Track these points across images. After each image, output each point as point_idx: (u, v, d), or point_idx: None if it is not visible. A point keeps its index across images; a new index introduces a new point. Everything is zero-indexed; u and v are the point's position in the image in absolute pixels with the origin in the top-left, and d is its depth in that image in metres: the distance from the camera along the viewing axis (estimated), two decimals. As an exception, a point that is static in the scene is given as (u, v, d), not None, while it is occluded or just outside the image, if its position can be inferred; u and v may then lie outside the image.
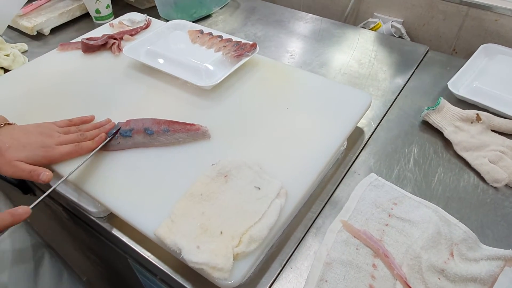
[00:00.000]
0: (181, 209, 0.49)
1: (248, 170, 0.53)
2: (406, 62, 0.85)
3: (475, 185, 0.59)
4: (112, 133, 0.59)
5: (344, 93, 0.67)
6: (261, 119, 0.63)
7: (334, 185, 0.60)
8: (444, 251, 0.49)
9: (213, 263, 0.42)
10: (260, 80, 0.72)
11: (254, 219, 0.47)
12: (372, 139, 0.67)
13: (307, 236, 0.53)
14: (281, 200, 0.50)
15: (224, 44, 0.74)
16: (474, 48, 0.83)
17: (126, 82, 0.73)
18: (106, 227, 0.56)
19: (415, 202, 0.55)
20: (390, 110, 0.73)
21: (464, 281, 0.47)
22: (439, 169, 0.61)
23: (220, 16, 1.05)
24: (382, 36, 0.94)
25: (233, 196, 0.50)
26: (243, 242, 0.45)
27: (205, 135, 0.60)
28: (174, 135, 0.58)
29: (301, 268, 0.50)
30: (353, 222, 0.53)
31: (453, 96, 0.72)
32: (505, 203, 0.56)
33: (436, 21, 0.94)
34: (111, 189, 0.54)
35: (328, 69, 0.84)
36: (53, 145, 0.55)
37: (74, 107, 0.68)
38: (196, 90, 0.69)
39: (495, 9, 0.84)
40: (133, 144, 0.59)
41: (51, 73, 0.76)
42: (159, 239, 0.46)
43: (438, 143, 0.66)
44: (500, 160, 0.60)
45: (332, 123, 0.62)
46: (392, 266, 0.47)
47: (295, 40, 0.94)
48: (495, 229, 0.53)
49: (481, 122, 0.65)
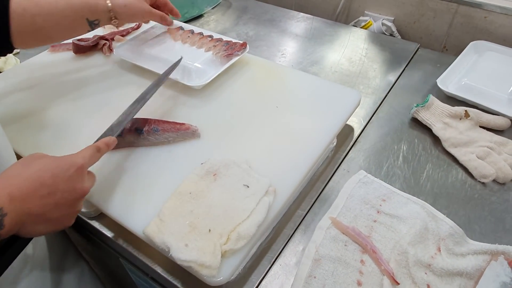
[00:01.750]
0: (170, 207, 0.49)
1: (237, 169, 0.53)
2: (396, 60, 0.85)
3: (463, 180, 0.60)
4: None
5: (334, 91, 0.68)
6: (251, 118, 0.64)
7: (324, 182, 0.60)
8: (431, 246, 0.50)
9: (201, 261, 0.43)
10: (250, 79, 0.72)
11: (242, 216, 0.47)
12: (362, 136, 0.68)
13: (296, 233, 0.54)
14: (269, 198, 0.50)
15: (214, 44, 0.75)
16: (464, 45, 0.83)
17: (117, 82, 0.74)
18: (97, 226, 0.56)
19: (404, 199, 0.56)
20: (380, 108, 0.74)
21: (451, 275, 0.47)
22: (428, 166, 0.62)
23: (212, 16, 1.06)
24: (373, 34, 0.94)
25: (222, 194, 0.50)
26: (231, 239, 0.45)
27: (195, 134, 0.60)
28: (164, 134, 0.59)
29: (290, 265, 0.50)
30: (342, 219, 0.53)
31: (442, 93, 0.73)
32: (492, 198, 0.57)
33: (427, 19, 0.94)
34: (101, 189, 0.54)
35: (319, 67, 0.84)
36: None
37: (66, 108, 0.68)
38: (186, 89, 0.69)
39: (484, 6, 0.85)
40: (124, 144, 0.59)
41: (43, 75, 0.76)
42: (148, 237, 0.46)
43: (427, 140, 0.66)
44: (488, 156, 0.61)
45: (321, 121, 0.62)
46: (379, 261, 0.48)
47: (286, 39, 0.94)
48: (482, 224, 0.54)
49: (470, 119, 0.66)
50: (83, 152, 0.47)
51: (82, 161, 0.45)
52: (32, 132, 0.64)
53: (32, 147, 0.61)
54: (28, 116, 0.66)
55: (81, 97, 0.70)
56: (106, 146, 0.51)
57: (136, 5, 0.67)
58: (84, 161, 0.45)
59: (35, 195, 0.40)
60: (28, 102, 0.70)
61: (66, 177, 0.42)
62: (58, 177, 0.42)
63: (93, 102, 0.69)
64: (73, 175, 0.43)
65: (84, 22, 0.63)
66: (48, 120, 0.66)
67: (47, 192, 0.41)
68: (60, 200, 0.42)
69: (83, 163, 0.44)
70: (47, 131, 0.64)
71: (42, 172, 0.41)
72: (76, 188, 0.43)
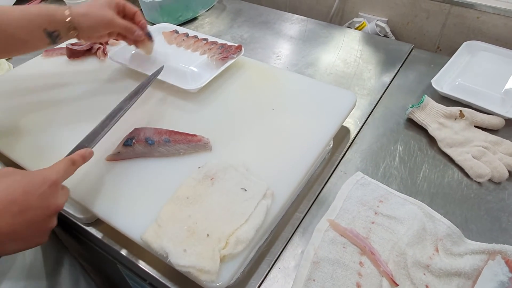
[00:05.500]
0: (168, 213, 0.49)
1: (234, 172, 0.53)
2: (391, 61, 0.86)
3: (459, 180, 0.60)
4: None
5: (329, 92, 0.68)
6: (247, 121, 0.64)
7: (321, 184, 0.60)
8: (429, 246, 0.50)
9: (200, 266, 0.43)
10: (245, 82, 0.72)
11: (241, 220, 0.47)
12: (358, 137, 0.68)
13: (295, 235, 0.54)
14: (267, 201, 0.50)
15: (209, 47, 0.75)
16: (457, 45, 0.84)
17: (112, 87, 0.73)
18: (94, 232, 0.56)
19: (401, 199, 0.56)
20: (375, 109, 0.74)
21: (449, 275, 0.47)
22: (424, 166, 0.62)
23: (206, 18, 1.06)
24: (367, 35, 0.95)
25: (220, 198, 0.50)
26: (229, 244, 0.45)
27: (207, 146, 0.59)
28: (175, 146, 0.58)
29: (289, 268, 0.50)
30: (340, 221, 0.53)
31: (437, 93, 0.73)
32: (488, 198, 0.57)
33: (420, 20, 0.95)
34: (98, 195, 0.53)
35: (314, 69, 0.84)
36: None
37: (60, 113, 0.68)
38: (182, 93, 0.69)
39: (476, 7, 0.85)
40: (133, 154, 0.58)
41: (36, 80, 0.76)
42: (146, 243, 0.46)
43: (422, 140, 0.67)
44: (483, 156, 0.61)
45: (317, 123, 0.62)
46: (378, 263, 0.48)
47: (281, 41, 0.94)
48: (478, 223, 0.54)
49: (465, 119, 0.67)
50: (56, 166, 0.44)
51: (55, 176, 0.42)
52: (26, 138, 0.63)
53: (27, 153, 0.61)
54: (21, 122, 0.66)
55: (75, 102, 0.70)
56: (82, 158, 0.48)
57: (96, 13, 0.61)
58: (57, 176, 0.43)
59: (6, 213, 0.38)
60: (21, 107, 0.69)
61: (38, 194, 0.40)
62: (30, 193, 0.39)
63: (87, 106, 0.69)
64: (46, 191, 0.41)
65: (42, 34, 0.58)
66: (42, 125, 0.65)
67: (18, 209, 0.38)
68: (33, 217, 0.40)
69: (56, 178, 0.42)
70: (41, 136, 0.63)
71: (13, 189, 0.39)
72: (49, 204, 0.41)
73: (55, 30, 0.59)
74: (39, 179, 0.41)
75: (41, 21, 0.58)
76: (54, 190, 0.42)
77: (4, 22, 0.55)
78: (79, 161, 0.48)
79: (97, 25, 0.62)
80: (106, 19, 0.62)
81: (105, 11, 0.62)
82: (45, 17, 0.58)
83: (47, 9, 0.58)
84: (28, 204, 0.39)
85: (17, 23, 0.56)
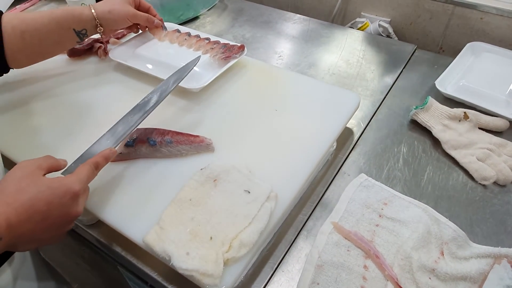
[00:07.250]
0: (170, 215, 0.48)
1: (238, 174, 0.53)
2: (394, 61, 0.85)
3: (464, 183, 0.60)
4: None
5: (332, 93, 0.67)
6: (250, 122, 0.63)
7: (324, 186, 0.59)
8: (434, 250, 0.50)
9: (203, 270, 0.42)
10: (248, 82, 0.71)
11: (244, 223, 0.47)
12: (361, 139, 0.68)
13: (298, 238, 0.53)
14: (271, 204, 0.49)
15: (212, 47, 0.74)
16: (460, 46, 0.83)
17: (113, 86, 0.72)
18: (95, 234, 0.55)
19: (405, 202, 0.55)
20: (379, 110, 0.73)
21: (455, 280, 0.47)
22: (428, 168, 0.62)
23: (208, 18, 1.05)
24: (369, 36, 0.94)
25: (223, 201, 0.49)
26: (233, 247, 0.44)
27: (209, 148, 0.58)
28: (177, 147, 0.57)
29: (293, 271, 0.49)
30: (343, 224, 0.53)
31: (440, 94, 0.73)
32: (494, 201, 0.57)
33: (423, 20, 0.94)
34: (100, 197, 0.53)
35: (316, 69, 0.84)
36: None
37: (60, 112, 0.67)
38: (184, 92, 0.68)
39: (480, 8, 0.85)
40: (135, 155, 0.57)
41: (36, 79, 0.75)
42: (148, 246, 0.45)
43: (426, 142, 0.66)
44: (488, 158, 0.61)
45: (321, 124, 0.61)
46: (383, 266, 0.47)
47: (283, 41, 0.94)
48: (484, 226, 0.54)
49: (469, 120, 0.66)
50: (80, 174, 0.45)
51: (78, 187, 0.43)
52: (26, 136, 0.63)
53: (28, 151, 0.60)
54: (21, 121, 0.65)
55: (76, 101, 0.69)
56: (105, 160, 0.49)
57: (120, 9, 0.68)
58: (80, 186, 0.44)
59: (29, 221, 0.40)
60: (21, 107, 0.68)
61: (60, 204, 0.42)
62: (52, 204, 0.41)
63: (88, 105, 0.68)
64: (68, 202, 0.43)
65: (71, 33, 0.64)
66: (43, 124, 0.64)
67: (41, 218, 0.41)
68: (52, 224, 0.42)
69: (78, 189, 0.43)
70: (42, 135, 0.63)
71: (37, 200, 0.41)
72: (69, 212, 0.43)
73: (83, 29, 0.65)
74: (62, 190, 0.42)
75: (69, 22, 0.64)
76: (75, 200, 0.44)
77: (37, 28, 0.61)
78: (102, 163, 0.49)
79: (122, 20, 0.69)
80: (130, 13, 0.70)
81: (127, 7, 0.69)
82: (72, 18, 0.64)
83: (72, 11, 0.64)
84: (50, 213, 0.42)
85: (48, 27, 0.62)
